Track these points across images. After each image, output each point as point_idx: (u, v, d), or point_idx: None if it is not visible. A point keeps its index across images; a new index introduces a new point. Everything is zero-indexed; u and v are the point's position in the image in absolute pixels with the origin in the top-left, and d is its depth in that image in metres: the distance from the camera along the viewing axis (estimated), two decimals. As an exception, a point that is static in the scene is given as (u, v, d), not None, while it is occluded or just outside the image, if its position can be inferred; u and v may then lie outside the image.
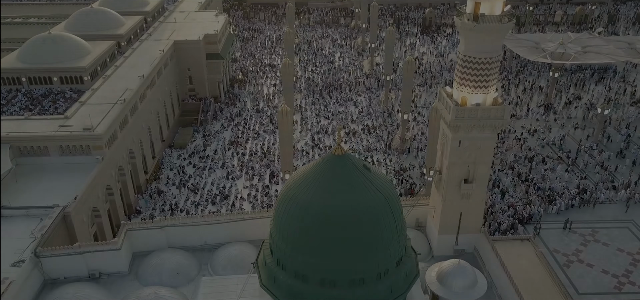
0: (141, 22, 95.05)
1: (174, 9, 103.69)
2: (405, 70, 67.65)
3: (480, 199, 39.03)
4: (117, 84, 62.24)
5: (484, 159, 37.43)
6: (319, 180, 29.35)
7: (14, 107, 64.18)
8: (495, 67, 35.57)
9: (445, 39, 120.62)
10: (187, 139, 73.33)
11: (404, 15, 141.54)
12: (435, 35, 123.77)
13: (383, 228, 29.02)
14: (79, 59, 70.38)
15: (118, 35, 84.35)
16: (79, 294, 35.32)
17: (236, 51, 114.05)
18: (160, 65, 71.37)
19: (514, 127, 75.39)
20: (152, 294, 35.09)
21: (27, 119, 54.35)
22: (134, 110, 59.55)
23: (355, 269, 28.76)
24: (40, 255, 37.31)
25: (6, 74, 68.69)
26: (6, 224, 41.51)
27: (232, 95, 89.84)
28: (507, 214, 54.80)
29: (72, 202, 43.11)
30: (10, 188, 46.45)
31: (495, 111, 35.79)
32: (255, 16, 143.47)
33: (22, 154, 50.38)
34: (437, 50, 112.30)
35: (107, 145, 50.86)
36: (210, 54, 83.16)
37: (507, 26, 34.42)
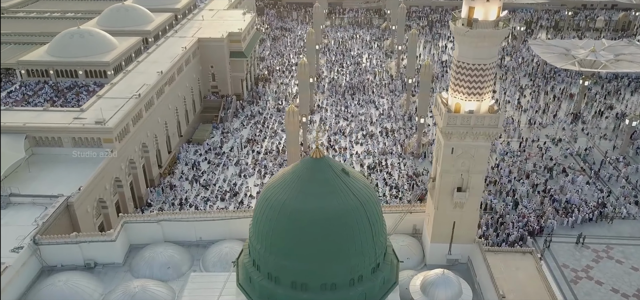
0: (171, 19, 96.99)
1: (204, 7, 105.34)
2: (423, 73, 66.62)
3: (474, 209, 37.92)
4: (135, 79, 63.71)
5: (478, 168, 36.34)
6: (295, 183, 29.33)
7: (39, 98, 66.66)
8: (490, 74, 34.49)
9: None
10: (205, 135, 74.42)
11: (440, 17, 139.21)
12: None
13: (357, 233, 28.71)
14: (104, 54, 72.44)
15: (146, 31, 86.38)
16: (70, 282, 36.26)
17: (265, 50, 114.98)
18: (181, 62, 72.62)
19: (538, 135, 73.13)
20: (139, 287, 35.68)
21: (45, 110, 56.36)
22: (149, 105, 60.81)
23: (327, 273, 28.61)
24: (38, 242, 38.53)
25: (35, 66, 71.50)
26: (13, 211, 43.19)
27: (255, 93, 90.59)
28: (518, 225, 53.20)
29: (76, 192, 44.37)
30: (23, 176, 48.33)
31: (490, 119, 34.69)
32: (288, 15, 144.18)
33: (37, 144, 52.26)
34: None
35: (117, 139, 52.15)
36: (234, 52, 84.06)
37: (501, 32, 33.31)
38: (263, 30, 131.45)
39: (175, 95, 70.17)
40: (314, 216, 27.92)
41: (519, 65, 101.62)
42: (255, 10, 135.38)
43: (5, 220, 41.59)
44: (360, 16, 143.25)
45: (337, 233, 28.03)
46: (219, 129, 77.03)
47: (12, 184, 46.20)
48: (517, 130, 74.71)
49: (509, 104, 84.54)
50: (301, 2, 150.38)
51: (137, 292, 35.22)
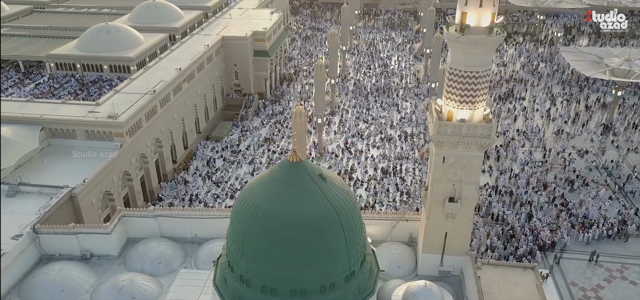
0: (200, 16, 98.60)
1: (234, 5, 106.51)
2: (440, 78, 65.06)
3: (466, 220, 36.64)
4: (154, 75, 64.90)
5: (471, 179, 35.11)
6: (270, 186, 29.15)
7: (64, 91, 68.97)
8: (483, 82, 33.27)
9: (513, 48, 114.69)
10: (224, 132, 75.16)
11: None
12: (502, 43, 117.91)
13: (330, 240, 28.25)
14: (129, 50, 74.26)
15: (173, 28, 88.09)
16: (63, 271, 37.24)
17: (294, 49, 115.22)
18: (202, 60, 73.57)
19: (565, 146, 70.30)
20: (127, 280, 36.30)
21: (63, 103, 58.07)
22: (165, 101, 61.82)
23: (297, 279, 28.24)
24: (38, 231, 39.74)
25: (63, 60, 74.15)
26: (20, 199, 44.69)
27: (279, 93, 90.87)
28: (529, 238, 51.26)
29: (81, 184, 45.53)
30: (35, 166, 49.97)
31: (482, 129, 33.45)
32: (322, 15, 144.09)
33: (53, 135, 53.93)
34: (500, 60, 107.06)
35: (128, 133, 53.24)
36: (258, 51, 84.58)
37: (494, 39, 32.09)
38: (295, 29, 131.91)
39: (195, 92, 71.10)
40: (286, 220, 27.62)
41: (553, 72, 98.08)
42: (289, 10, 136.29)
43: (12, 208, 43.12)
44: (396, 18, 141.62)
45: (308, 238, 27.63)
46: (238, 127, 77.63)
47: (24, 174, 47.81)
48: (542, 140, 71.98)
49: (538, 112, 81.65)
50: (336, 3, 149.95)
51: (125, 285, 35.88)
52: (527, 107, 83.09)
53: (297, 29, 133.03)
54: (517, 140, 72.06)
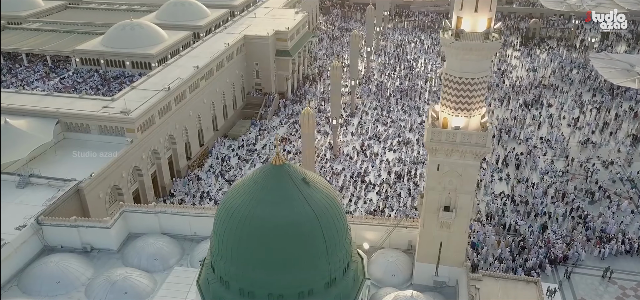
0: (226, 15, 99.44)
1: (260, 4, 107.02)
2: (459, 82, 63.45)
3: (462, 231, 35.55)
4: (172, 73, 65.76)
5: (466, 188, 34.03)
6: (251, 188, 28.94)
7: (87, 85, 70.68)
8: (478, 89, 32.20)
9: (546, 53, 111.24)
10: (241, 131, 75.57)
11: (512, 24, 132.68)
12: (534, 48, 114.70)
13: (309, 246, 27.85)
14: (151, 47, 75.45)
15: (198, 26, 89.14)
16: (62, 263, 38.06)
17: (320, 49, 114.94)
18: (221, 58, 74.09)
19: (590, 156, 67.68)
20: (121, 275, 36.79)
21: (80, 97, 59.47)
22: (180, 99, 62.52)
23: (274, 284, 27.93)
24: (41, 223, 40.72)
25: (88, 55, 76.11)
26: (30, 191, 45.83)
27: (301, 93, 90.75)
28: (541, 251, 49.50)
29: (88, 178, 46.46)
30: (49, 159, 51.31)
31: (477, 137, 32.39)
32: (353, 15, 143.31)
33: (68, 129, 55.31)
34: (530, 65, 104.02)
35: (139, 129, 54.07)
36: (280, 51, 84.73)
37: (490, 45, 30.94)
38: (324, 29, 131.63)
39: (213, 90, 71.68)
40: (264, 224, 27.30)
41: (585, 79, 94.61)
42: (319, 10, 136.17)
43: (20, 199, 44.31)
44: (428, 20, 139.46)
45: (286, 243, 27.26)
46: (257, 126, 77.92)
47: (36, 166, 49.13)
48: (566, 149, 69.46)
49: (565, 120, 78.89)
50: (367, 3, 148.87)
51: (118, 280, 36.37)
52: (553, 115, 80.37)
53: (325, 28, 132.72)
54: (539, 148, 69.77)
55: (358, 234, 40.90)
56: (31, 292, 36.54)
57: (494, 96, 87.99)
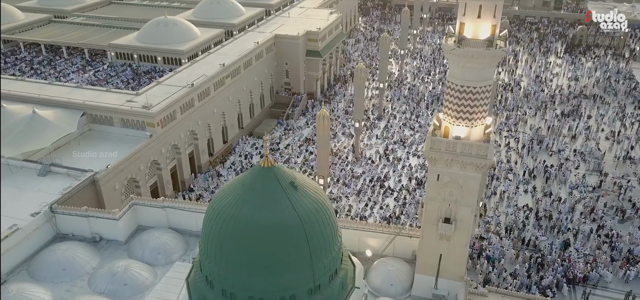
0: (261, 14, 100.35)
1: (296, 4, 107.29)
2: (487, 90, 61.56)
3: (462, 244, 34.34)
4: (198, 69, 66.76)
5: (467, 201, 32.86)
6: (238, 189, 29.05)
7: (119, 79, 72.74)
8: (481, 99, 31.07)
9: (591, 62, 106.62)
10: (267, 129, 75.92)
11: (559, 31, 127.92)
12: (579, 56, 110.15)
13: (292, 250, 27.70)
14: (182, 43, 76.97)
15: (231, 24, 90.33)
16: (69, 251, 39.22)
17: (356, 51, 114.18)
18: (250, 57, 74.62)
19: (625, 172, 64.35)
20: (122, 267, 37.60)
21: (108, 90, 61.18)
22: (204, 95, 63.37)
23: (256, 287, 27.92)
24: (55, 211, 42.09)
25: (122, 50, 78.37)
26: (49, 179, 47.38)
27: (331, 94, 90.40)
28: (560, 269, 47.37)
29: (104, 170, 47.71)
30: (72, 149, 52.98)
31: (478, 148, 31.20)
32: (393, 17, 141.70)
33: (94, 121, 57.03)
34: (573, 73, 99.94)
35: (159, 124, 55.11)
36: (310, 51, 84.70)
37: (493, 53, 29.73)
38: (362, 30, 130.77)
39: (239, 88, 72.30)
40: (247, 225, 27.28)
41: (630, 90, 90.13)
42: (358, 11, 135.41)
43: (39, 187, 45.89)
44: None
45: (268, 247, 27.14)
46: (283, 125, 78.14)
47: (59, 155, 50.91)
48: (600, 163, 66.25)
49: (603, 133, 75.33)
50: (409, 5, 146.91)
51: (119, 272, 37.19)
52: (591, 127, 76.88)
53: (364, 30, 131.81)
54: (571, 161, 66.86)
55: (361, 240, 40.37)
56: (38, 277, 37.76)
57: (529, 105, 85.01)
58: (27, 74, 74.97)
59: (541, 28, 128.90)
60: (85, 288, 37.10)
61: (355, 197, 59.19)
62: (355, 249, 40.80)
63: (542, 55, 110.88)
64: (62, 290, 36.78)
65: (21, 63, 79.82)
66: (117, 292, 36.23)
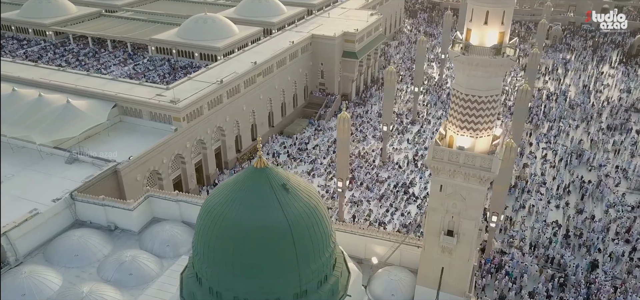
0: (302, 13, 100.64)
1: (338, 4, 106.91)
2: (519, 99, 59.34)
3: (465, 258, 33.09)
4: (230, 66, 67.57)
5: (470, 214, 31.65)
6: (230, 189, 29.26)
7: (156, 73, 74.73)
8: (487, 109, 29.81)
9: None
10: (297, 129, 76.09)
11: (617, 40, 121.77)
12: (635, 66, 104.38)
13: (277, 254, 27.57)
14: (219, 40, 78.21)
15: (270, 23, 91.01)
16: (83, 238, 40.53)
17: (398, 54, 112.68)
18: (283, 55, 74.88)
19: (670, 191, 60.54)
20: (130, 256, 38.50)
21: (140, 84, 62.90)
22: (233, 93, 64.08)
23: (240, 288, 27.95)
24: (74, 198, 43.64)
25: (161, 45, 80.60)
26: (75, 167, 49.04)
27: (366, 96, 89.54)
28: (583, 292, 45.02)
29: (126, 161, 49.08)
30: (101, 139, 54.85)
31: (482, 161, 29.97)
32: (440, 20, 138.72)
33: (125, 113, 58.77)
34: (627, 84, 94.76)
35: (185, 119, 56.15)
36: (347, 52, 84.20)
37: (500, 62, 28.41)
38: (407, 33, 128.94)
39: (271, 86, 72.71)
40: (234, 225, 27.31)
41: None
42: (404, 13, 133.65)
43: (65, 174, 47.66)
44: (523, 29, 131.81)
45: (253, 248, 27.06)
46: (314, 126, 78.07)
47: (87, 144, 52.73)
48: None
49: (648, 147, 71.23)
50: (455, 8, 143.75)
51: (126, 261, 38.10)
52: (638, 142, 72.67)
53: (409, 32, 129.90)
54: (611, 178, 63.40)
55: (368, 247, 39.73)
56: (52, 261, 39.21)
57: (573, 116, 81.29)
58: (72, 64, 78.16)
59: (597, 36, 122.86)
60: (93, 275, 38.18)
61: (377, 202, 58.31)
62: (361, 256, 40.27)
63: (594, 65, 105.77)
64: (72, 275, 37.97)
65: (68, 54, 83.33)
66: (122, 281, 37.07)
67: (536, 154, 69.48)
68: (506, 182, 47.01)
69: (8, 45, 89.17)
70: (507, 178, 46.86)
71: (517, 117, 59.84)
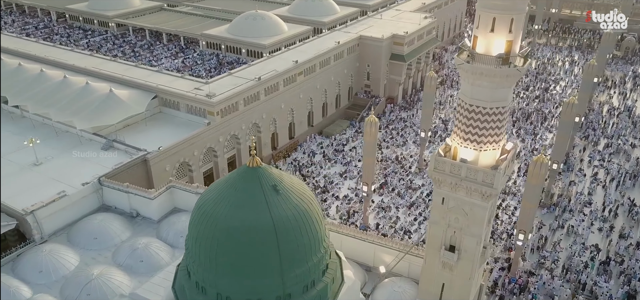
0: (356, 13, 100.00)
1: (392, 6, 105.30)
2: (564, 112, 56.10)
3: (466, 275, 31.57)
4: (271, 64, 68.12)
5: (472, 230, 30.19)
6: (221, 186, 29.61)
7: (203, 66, 76.76)
8: (492, 121, 28.30)
9: None
10: (337, 130, 75.71)
11: None
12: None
13: (260, 255, 27.50)
14: (266, 37, 79.15)
15: (321, 22, 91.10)
16: (104, 222, 42.25)
17: (451, 58, 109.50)
18: (328, 55, 74.62)
19: None
20: (143, 244, 39.66)
21: (182, 77, 64.72)
22: (271, 90, 64.59)
23: (223, 285, 28.13)
24: (102, 183, 45.57)
25: (211, 40, 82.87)
26: (109, 154, 51.21)
27: (413, 100, 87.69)
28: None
29: (155, 151, 50.66)
30: (139, 128, 56.99)
31: (484, 175, 28.50)
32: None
33: (164, 105, 60.71)
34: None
35: (219, 113, 57.20)
36: (395, 55, 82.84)
37: (505, 72, 26.91)
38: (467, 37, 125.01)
39: (313, 86, 72.70)
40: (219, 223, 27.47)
41: None
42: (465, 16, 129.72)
43: (99, 160, 49.83)
44: (594, 39, 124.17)
45: (236, 247, 27.12)
46: (355, 127, 77.40)
47: (125, 132, 54.92)
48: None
49: None
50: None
51: (139, 248, 39.31)
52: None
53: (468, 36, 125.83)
54: (666, 202, 58.70)
55: (377, 255, 38.90)
56: (72, 242, 41.11)
57: (636, 134, 75.82)
58: (127, 55, 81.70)
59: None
60: (108, 258, 39.65)
61: (406, 209, 56.95)
62: (370, 263, 39.52)
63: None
64: (88, 257, 39.63)
65: (125, 46, 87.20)
66: (133, 267, 38.26)
67: (585, 172, 65.34)
68: (535, 199, 44.56)
69: (74, 34, 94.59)
70: (536, 195, 44.46)
71: (561, 131, 56.63)
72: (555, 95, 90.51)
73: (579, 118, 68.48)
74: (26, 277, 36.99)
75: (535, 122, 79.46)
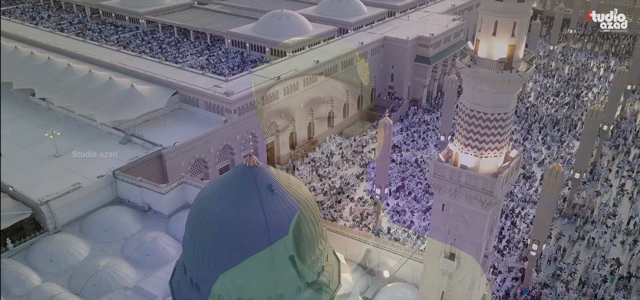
0: (383, 14, 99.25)
1: (421, 8, 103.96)
2: (588, 121, 54.29)
3: (465, 285, 30.73)
4: (292, 63, 68.10)
5: (472, 239, 29.38)
6: (218, 184, 30.18)
7: (227, 64, 77.51)
8: (493, 127, 27.46)
9: None
10: (357, 131, 75.25)
11: None
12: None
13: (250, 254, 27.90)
14: (290, 37, 79.19)
15: (346, 23, 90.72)
16: (115, 215, 43.17)
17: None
18: (350, 56, 74.21)
19: None
20: (150, 238, 40.31)
21: (203, 74, 65.43)
22: (291, 90, 64.61)
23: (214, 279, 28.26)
24: (116, 176, 46.46)
25: (236, 38, 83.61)
26: (127, 148, 52.27)
27: (437, 102, 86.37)
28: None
29: (171, 147, 51.35)
30: (158, 123, 57.98)
31: (484, 183, 27.68)
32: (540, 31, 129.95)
33: (184, 101, 61.54)
34: None
35: (236, 112, 57.55)
36: (420, 57, 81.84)
37: (507, 77, 25.97)
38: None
39: (334, 86, 72.40)
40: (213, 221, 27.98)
41: None
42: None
43: (116, 153, 50.69)
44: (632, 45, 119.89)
45: (229, 245, 27.48)
46: (375, 129, 76.65)
47: (144, 127, 55.96)
48: None
49: None
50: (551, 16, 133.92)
51: (146, 242, 39.98)
52: None
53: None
54: (697, 218, 56.11)
55: (382, 259, 38.43)
56: (84, 233, 42.08)
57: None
58: (155, 51, 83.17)
59: None
60: (117, 251, 40.43)
61: (421, 213, 56.15)
62: (375, 267, 39.09)
63: None
64: (98, 248, 40.47)
65: (154, 42, 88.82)
66: (139, 260, 38.88)
67: (612, 182, 63.11)
68: (551, 208, 43.25)
69: (105, 30, 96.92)
70: (551, 204, 43.15)
71: (585, 139, 54.81)
72: (587, 103, 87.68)
73: (607, 126, 66.19)
74: (37, 265, 38.06)
75: (563, 129, 77.14)
